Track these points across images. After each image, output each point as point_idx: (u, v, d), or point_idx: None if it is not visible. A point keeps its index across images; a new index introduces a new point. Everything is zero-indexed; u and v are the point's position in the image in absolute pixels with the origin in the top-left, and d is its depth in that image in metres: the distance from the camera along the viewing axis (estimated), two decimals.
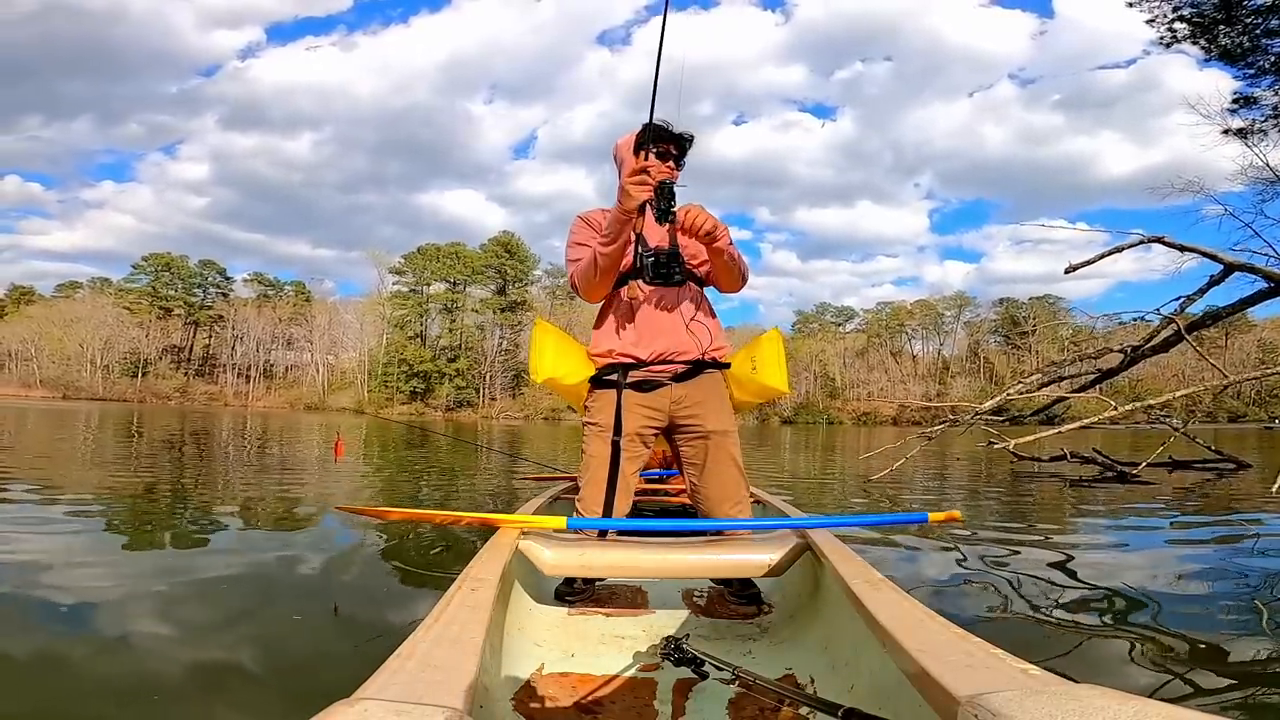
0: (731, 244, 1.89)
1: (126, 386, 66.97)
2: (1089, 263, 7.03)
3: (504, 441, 14.09)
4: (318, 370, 72.35)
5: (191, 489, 5.05)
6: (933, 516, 1.81)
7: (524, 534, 1.65)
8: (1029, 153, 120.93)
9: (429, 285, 71.54)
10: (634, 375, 1.92)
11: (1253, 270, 6.73)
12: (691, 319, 1.95)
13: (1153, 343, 7.33)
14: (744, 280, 2.03)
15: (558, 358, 2.08)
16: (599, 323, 2.02)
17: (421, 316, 71.00)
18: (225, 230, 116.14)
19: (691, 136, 1.97)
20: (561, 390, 2.15)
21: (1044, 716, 0.61)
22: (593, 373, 1.99)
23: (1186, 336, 6.92)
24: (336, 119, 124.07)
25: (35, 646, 1.76)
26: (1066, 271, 7.07)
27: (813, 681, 1.37)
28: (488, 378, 66.33)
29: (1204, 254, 6.95)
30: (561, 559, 1.61)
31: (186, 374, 72.78)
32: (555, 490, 3.08)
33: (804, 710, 1.20)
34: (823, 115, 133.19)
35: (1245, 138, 8.83)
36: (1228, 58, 8.16)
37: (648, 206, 1.76)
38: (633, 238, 1.88)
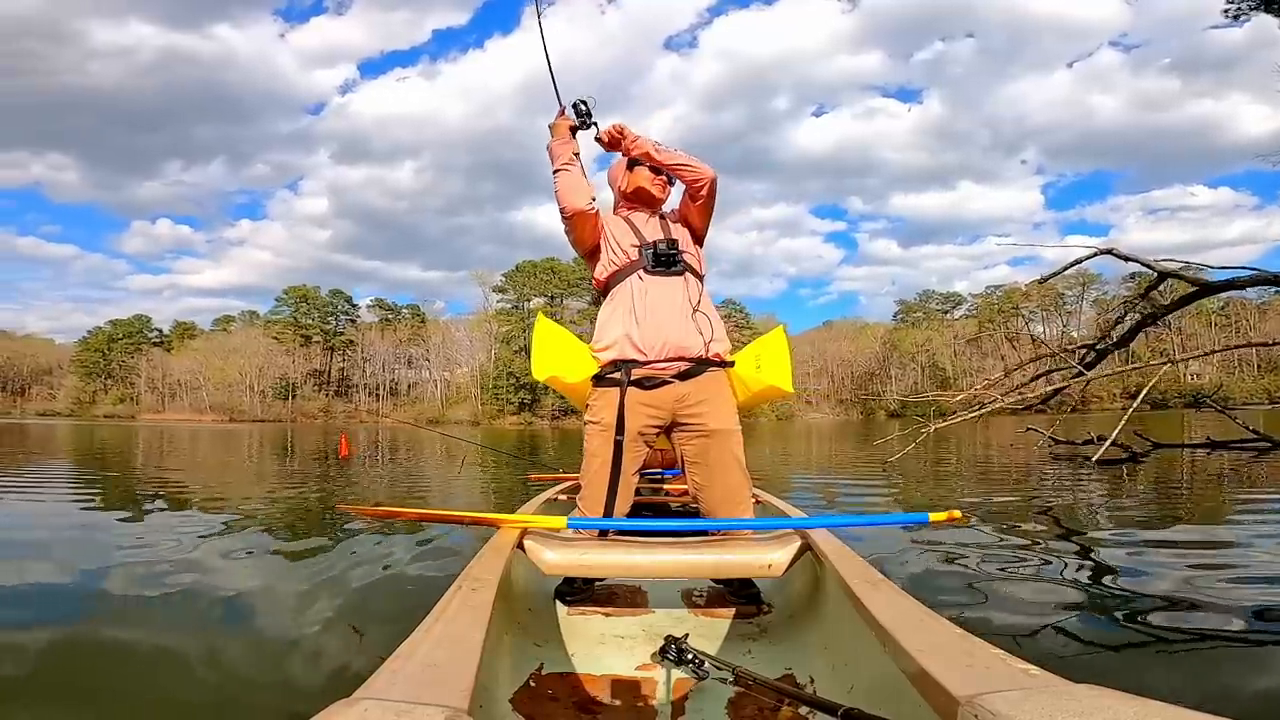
0: (663, 149, 1.98)
1: (280, 408, 75.58)
2: (1056, 275, 7.99)
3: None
4: (435, 386, 78.07)
5: (298, 498, 5.39)
6: (933, 517, 1.76)
7: (525, 534, 1.65)
8: (1147, 119, 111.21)
9: (529, 300, 75.49)
10: (637, 373, 1.87)
11: (1178, 276, 7.55)
12: (694, 311, 1.94)
13: (1103, 344, 8.15)
14: (708, 173, 1.98)
15: (559, 355, 2.04)
16: (602, 317, 1.99)
17: (525, 331, 74.44)
18: (347, 259, 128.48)
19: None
20: (563, 389, 2.12)
21: (1044, 716, 0.61)
22: (595, 371, 1.95)
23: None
24: (431, 146, 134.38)
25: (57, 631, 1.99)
26: (1040, 282, 8.03)
27: (812, 681, 1.36)
28: None
29: (1142, 263, 7.65)
30: (562, 559, 1.60)
31: (327, 395, 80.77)
32: (556, 490, 3.10)
33: (803, 710, 1.20)
34: (907, 99, 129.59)
35: None
36: None
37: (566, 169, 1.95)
38: (633, 232, 2.01)
